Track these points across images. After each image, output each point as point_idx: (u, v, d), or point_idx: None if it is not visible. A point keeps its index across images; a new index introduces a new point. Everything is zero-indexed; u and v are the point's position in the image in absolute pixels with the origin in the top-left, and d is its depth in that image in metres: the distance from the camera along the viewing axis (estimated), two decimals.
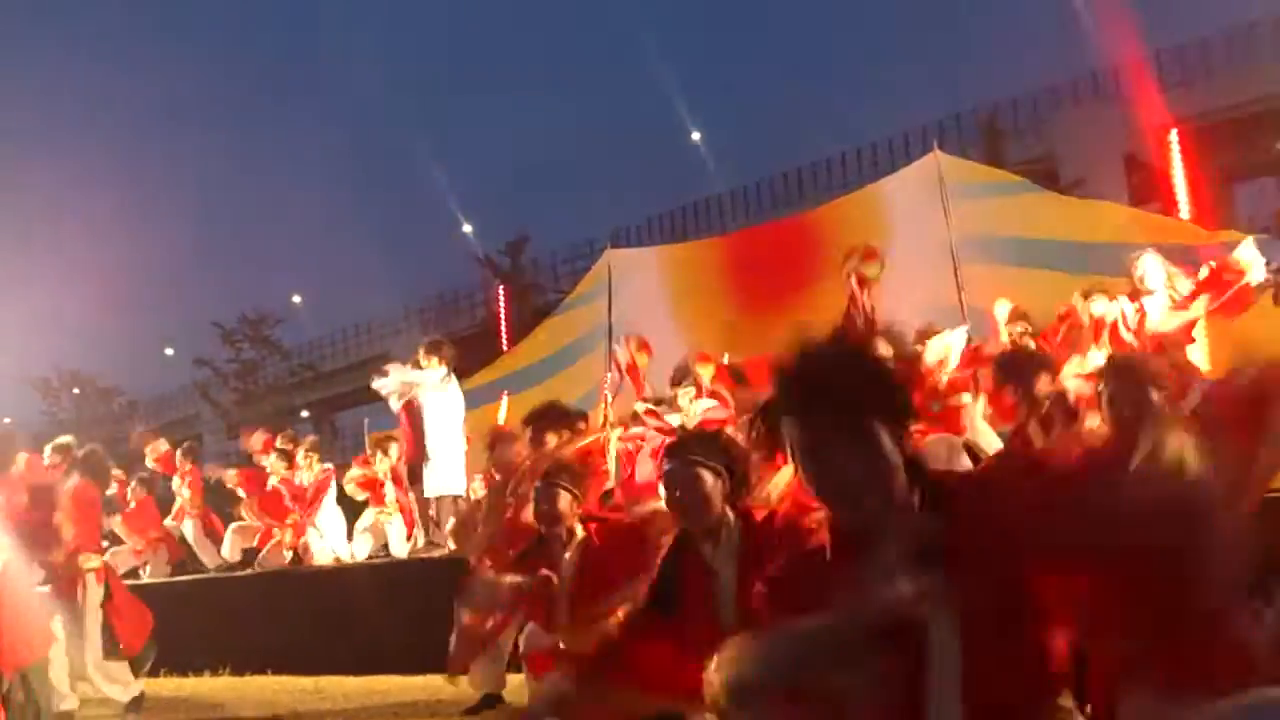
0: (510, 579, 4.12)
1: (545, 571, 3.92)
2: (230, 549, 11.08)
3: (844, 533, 1.76)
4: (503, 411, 9.21)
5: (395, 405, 8.89)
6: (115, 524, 10.74)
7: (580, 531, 3.97)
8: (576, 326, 11.71)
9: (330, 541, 10.19)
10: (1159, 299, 6.30)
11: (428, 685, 7.22)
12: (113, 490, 9.39)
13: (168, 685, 7.62)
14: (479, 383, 11.25)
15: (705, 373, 7.35)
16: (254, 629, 9.21)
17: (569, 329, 11.98)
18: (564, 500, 3.94)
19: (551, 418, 6.09)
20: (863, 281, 9.29)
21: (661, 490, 3.21)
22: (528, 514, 3.79)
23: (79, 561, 6.80)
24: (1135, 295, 6.37)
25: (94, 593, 6.84)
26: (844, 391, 1.74)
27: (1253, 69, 21.91)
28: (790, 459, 1.79)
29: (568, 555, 3.92)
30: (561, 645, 3.99)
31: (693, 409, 6.87)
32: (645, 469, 6.74)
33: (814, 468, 1.74)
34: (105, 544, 8.33)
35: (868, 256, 9.38)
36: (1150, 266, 6.34)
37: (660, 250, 13.84)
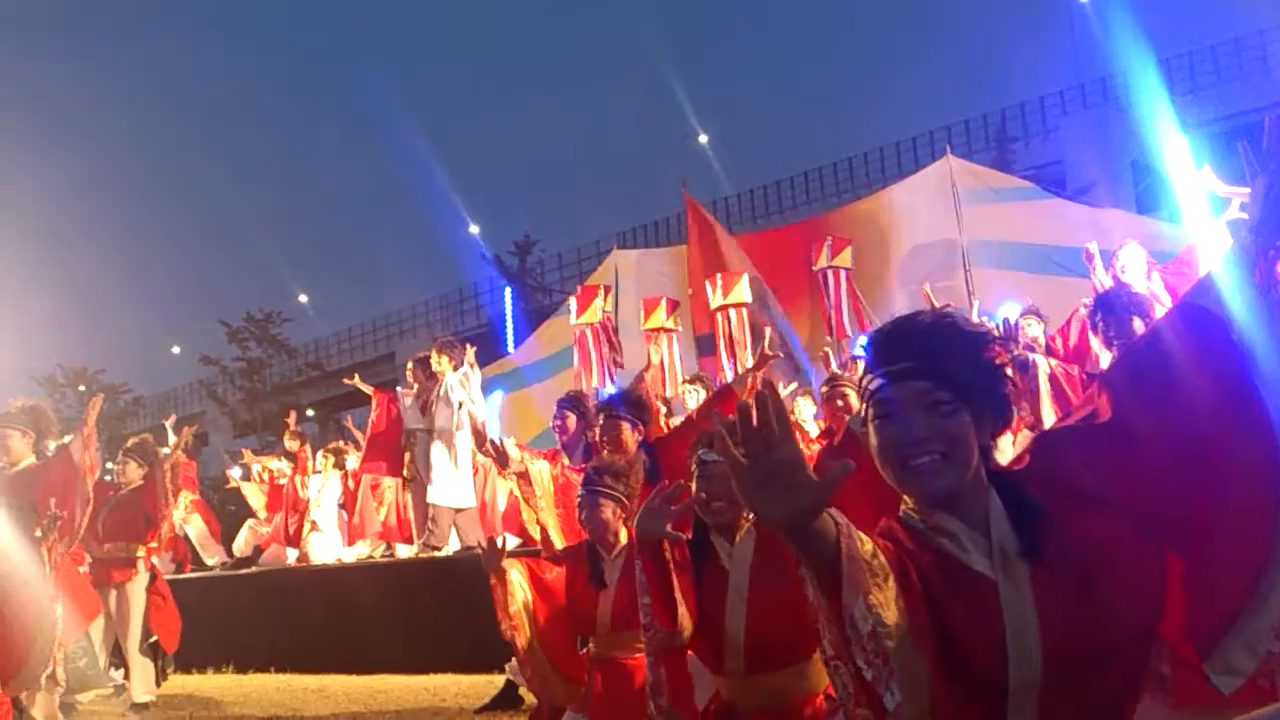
0: None
1: None
2: (242, 543, 11.14)
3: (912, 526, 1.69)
4: (498, 410, 9.21)
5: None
6: None
7: (625, 538, 3.73)
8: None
9: (332, 541, 10.21)
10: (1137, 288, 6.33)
11: (430, 685, 7.22)
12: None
13: (171, 682, 7.62)
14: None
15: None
16: (258, 628, 9.21)
17: (569, 331, 11.98)
18: (607, 509, 3.70)
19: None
20: (836, 274, 9.36)
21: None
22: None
23: (127, 550, 6.97)
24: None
25: (141, 579, 7.00)
26: (936, 361, 1.66)
27: (1262, 76, 21.88)
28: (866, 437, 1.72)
29: (611, 558, 3.72)
30: (599, 652, 3.83)
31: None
32: None
33: (882, 431, 1.67)
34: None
35: (837, 249, 9.45)
36: (1130, 258, 6.41)
37: (667, 251, 13.84)
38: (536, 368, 12.16)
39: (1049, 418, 5.30)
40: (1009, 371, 1.78)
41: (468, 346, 8.69)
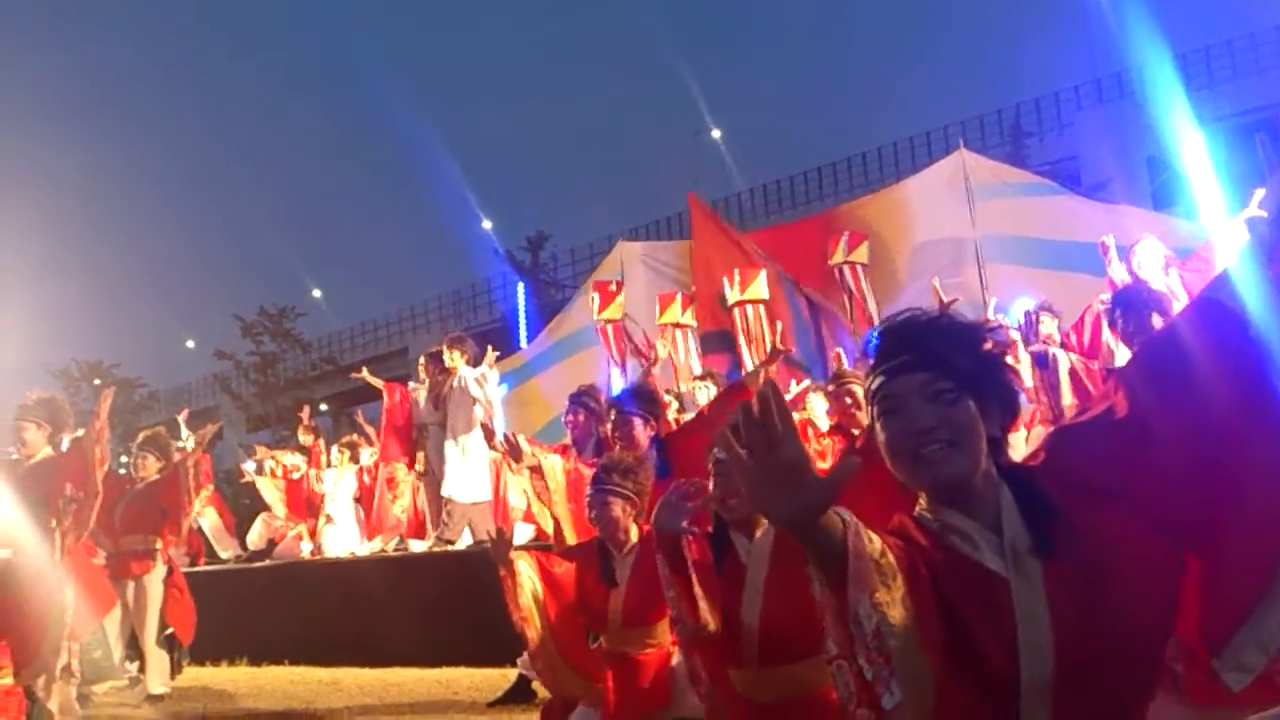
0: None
1: None
2: (256, 536, 11.18)
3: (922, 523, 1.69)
4: (500, 405, 9.27)
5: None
6: None
7: (635, 535, 3.74)
8: (580, 318, 11.72)
9: (346, 535, 10.25)
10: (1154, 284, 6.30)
11: (443, 678, 7.24)
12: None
13: (185, 675, 7.67)
14: None
15: None
16: (272, 620, 9.25)
17: (573, 320, 12.02)
18: (616, 507, 3.68)
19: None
20: (854, 269, 9.38)
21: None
22: None
23: (145, 543, 7.00)
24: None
25: (159, 572, 7.03)
26: (935, 353, 1.67)
27: (1278, 71, 21.73)
28: (872, 436, 1.72)
29: (621, 556, 3.74)
30: (610, 648, 3.83)
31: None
32: None
33: (889, 425, 1.67)
34: None
35: (853, 244, 9.46)
36: (1147, 253, 6.38)
37: (675, 244, 13.78)
38: (543, 357, 12.19)
39: (1070, 412, 5.29)
40: (1010, 363, 1.78)
41: (489, 348, 8.71)
